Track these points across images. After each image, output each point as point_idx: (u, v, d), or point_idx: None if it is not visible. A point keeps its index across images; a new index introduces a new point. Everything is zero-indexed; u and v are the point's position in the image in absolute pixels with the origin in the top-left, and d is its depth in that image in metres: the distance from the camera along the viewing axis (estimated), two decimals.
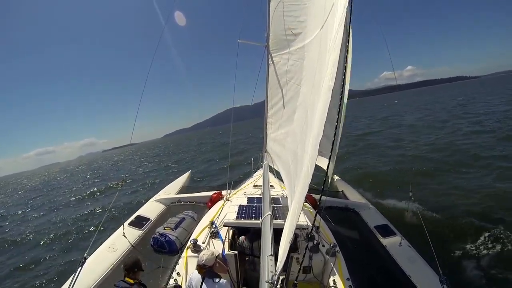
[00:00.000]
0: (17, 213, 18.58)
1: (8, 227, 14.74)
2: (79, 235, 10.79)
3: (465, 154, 13.50)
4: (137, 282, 2.86)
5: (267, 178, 4.22)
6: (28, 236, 12.15)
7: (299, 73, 4.45)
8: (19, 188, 44.81)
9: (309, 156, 2.06)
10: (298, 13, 4.43)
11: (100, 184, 25.26)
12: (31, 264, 8.84)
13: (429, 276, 3.84)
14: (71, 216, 14.00)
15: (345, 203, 6.67)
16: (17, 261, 9.37)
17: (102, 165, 58.48)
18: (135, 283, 2.83)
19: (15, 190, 40.79)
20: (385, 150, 17.33)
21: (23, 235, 12.40)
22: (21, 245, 11.20)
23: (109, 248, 4.63)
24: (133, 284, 2.80)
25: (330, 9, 2.44)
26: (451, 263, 5.47)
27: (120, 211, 12.46)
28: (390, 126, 28.24)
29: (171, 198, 7.33)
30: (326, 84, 1.86)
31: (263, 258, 2.17)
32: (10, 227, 14.69)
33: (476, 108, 32.25)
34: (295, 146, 3.32)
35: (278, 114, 5.37)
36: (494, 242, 5.93)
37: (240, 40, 5.96)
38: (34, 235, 12.16)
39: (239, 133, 56.95)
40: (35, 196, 27.34)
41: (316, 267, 3.67)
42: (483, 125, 20.39)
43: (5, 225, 15.44)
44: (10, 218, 17.48)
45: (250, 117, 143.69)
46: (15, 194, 35.04)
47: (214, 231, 4.30)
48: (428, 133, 20.07)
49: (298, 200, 2.15)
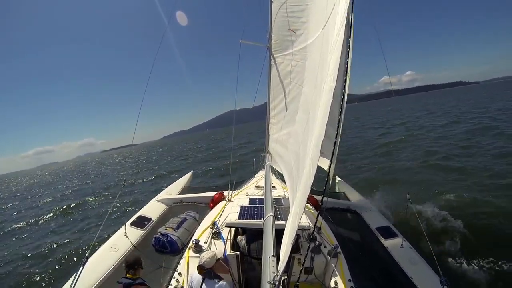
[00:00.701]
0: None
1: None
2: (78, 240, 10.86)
3: (465, 155, 13.62)
4: (138, 278, 2.92)
5: (269, 179, 4.22)
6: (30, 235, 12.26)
7: (301, 74, 4.46)
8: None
9: (311, 157, 2.06)
10: (300, 13, 4.44)
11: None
12: (31, 264, 8.90)
13: (430, 277, 3.83)
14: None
15: (347, 204, 6.66)
16: (20, 258, 9.45)
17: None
18: (137, 278, 2.89)
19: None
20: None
21: (23, 234, 12.52)
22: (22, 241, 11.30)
23: (110, 248, 4.65)
24: (136, 279, 2.86)
25: (332, 9, 2.45)
26: (451, 264, 5.48)
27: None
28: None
29: (173, 198, 7.35)
30: (328, 85, 1.86)
31: (265, 259, 2.17)
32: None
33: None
34: (297, 147, 3.32)
35: (280, 115, 5.38)
36: (494, 243, 5.92)
37: (242, 41, 5.98)
38: (35, 235, 12.27)
39: (240, 136, 56.70)
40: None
41: (317, 268, 3.67)
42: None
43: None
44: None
45: (251, 119, 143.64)
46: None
47: (216, 232, 4.31)
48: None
49: (300, 201, 2.15)
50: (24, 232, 13.28)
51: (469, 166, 11.91)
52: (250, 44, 6.09)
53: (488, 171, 10.87)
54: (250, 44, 6.10)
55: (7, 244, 11.59)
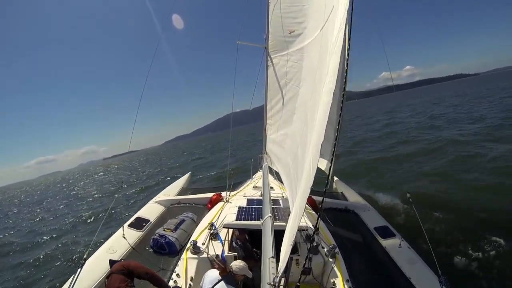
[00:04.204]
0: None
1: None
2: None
3: (464, 153, 13.37)
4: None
5: (267, 179, 4.21)
6: (27, 239, 12.10)
7: (298, 74, 4.46)
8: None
9: (310, 158, 2.06)
10: (297, 14, 4.45)
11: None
12: (31, 264, 8.81)
13: (428, 277, 3.84)
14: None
15: (345, 205, 6.68)
16: (19, 262, 9.33)
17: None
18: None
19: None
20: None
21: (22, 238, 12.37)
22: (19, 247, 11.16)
23: (108, 249, 4.61)
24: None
25: (331, 10, 2.45)
26: (450, 264, 5.49)
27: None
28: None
29: (170, 199, 7.32)
30: (327, 87, 1.86)
31: (264, 260, 2.17)
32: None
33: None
34: (295, 148, 3.31)
35: (278, 115, 5.38)
36: (494, 243, 5.93)
37: (239, 42, 5.98)
38: (35, 236, 12.12)
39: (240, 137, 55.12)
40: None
41: (316, 269, 3.67)
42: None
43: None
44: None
45: (251, 121, 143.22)
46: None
47: (214, 233, 4.30)
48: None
49: (300, 202, 2.14)
50: (24, 231, 13.16)
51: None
52: (247, 45, 6.10)
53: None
54: (247, 45, 6.10)
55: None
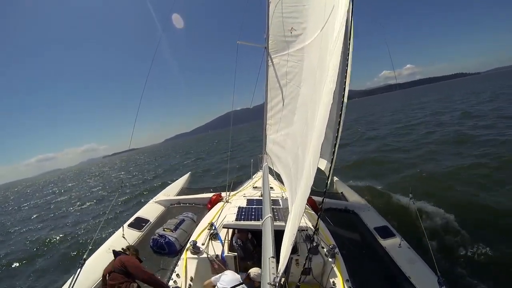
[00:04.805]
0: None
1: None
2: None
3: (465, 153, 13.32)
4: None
5: (267, 180, 4.21)
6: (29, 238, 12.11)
7: (298, 74, 4.46)
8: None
9: (310, 159, 2.06)
10: (297, 14, 4.43)
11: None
12: (30, 265, 8.80)
13: (428, 277, 3.85)
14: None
15: (345, 205, 6.67)
16: (19, 260, 9.32)
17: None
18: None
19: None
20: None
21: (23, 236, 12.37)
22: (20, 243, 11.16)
23: (108, 249, 4.60)
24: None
25: (331, 10, 2.45)
26: (449, 264, 5.50)
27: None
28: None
29: (170, 199, 7.32)
30: (327, 87, 1.86)
31: (265, 260, 2.16)
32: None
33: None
34: (296, 148, 3.31)
35: (278, 115, 5.37)
36: (493, 243, 5.93)
37: (240, 42, 5.97)
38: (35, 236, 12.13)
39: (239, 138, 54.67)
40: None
41: (315, 269, 3.67)
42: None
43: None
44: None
45: (251, 119, 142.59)
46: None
47: (214, 233, 4.30)
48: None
49: (300, 202, 2.14)
50: (23, 232, 13.14)
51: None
52: (248, 45, 6.09)
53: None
54: (247, 45, 6.09)
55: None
